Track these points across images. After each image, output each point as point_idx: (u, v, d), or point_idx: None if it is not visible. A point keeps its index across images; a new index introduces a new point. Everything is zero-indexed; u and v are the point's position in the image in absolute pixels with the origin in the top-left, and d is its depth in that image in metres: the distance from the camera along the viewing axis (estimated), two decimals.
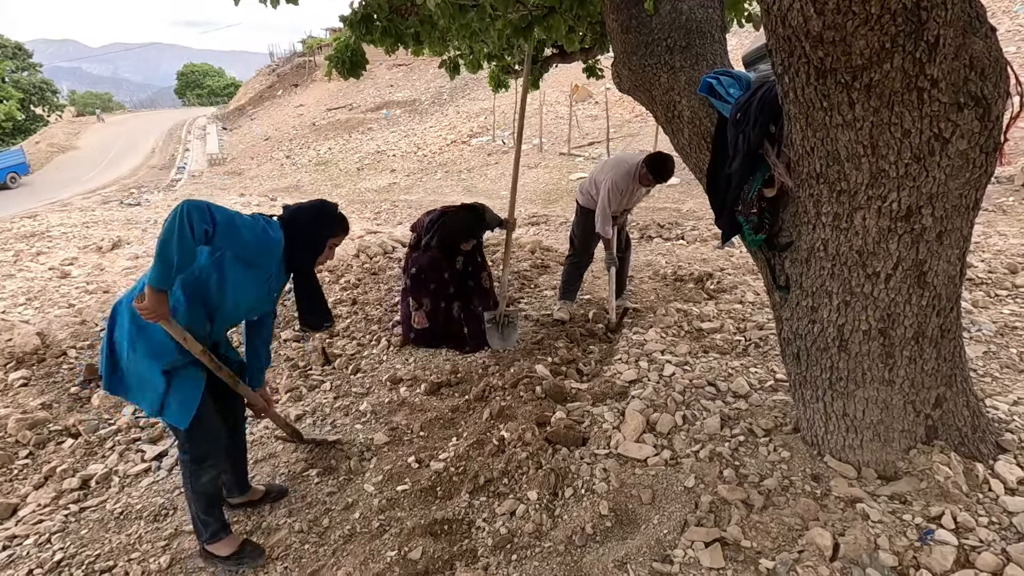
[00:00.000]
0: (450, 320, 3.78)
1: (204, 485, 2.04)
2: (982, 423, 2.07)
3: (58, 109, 39.67)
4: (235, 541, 2.10)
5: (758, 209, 2.01)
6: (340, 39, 4.70)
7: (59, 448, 2.95)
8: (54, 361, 3.83)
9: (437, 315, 3.76)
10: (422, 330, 3.82)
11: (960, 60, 1.50)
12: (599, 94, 17.93)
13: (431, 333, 3.79)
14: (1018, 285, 3.84)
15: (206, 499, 2.06)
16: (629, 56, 2.59)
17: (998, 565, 1.63)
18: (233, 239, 1.83)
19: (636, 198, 4.07)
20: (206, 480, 2.03)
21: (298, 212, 2.07)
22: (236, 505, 2.37)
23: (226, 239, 1.81)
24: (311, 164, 20.91)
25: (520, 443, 2.50)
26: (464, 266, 3.81)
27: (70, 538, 2.27)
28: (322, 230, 2.10)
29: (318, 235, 2.09)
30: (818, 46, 1.53)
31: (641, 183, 3.86)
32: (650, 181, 3.81)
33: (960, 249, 1.80)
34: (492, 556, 1.99)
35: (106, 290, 5.74)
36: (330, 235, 2.12)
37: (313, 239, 2.08)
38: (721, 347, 3.30)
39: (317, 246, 2.10)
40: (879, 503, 1.88)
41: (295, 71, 37.39)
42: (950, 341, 1.93)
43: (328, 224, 2.11)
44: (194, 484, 2.03)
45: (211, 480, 2.05)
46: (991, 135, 1.61)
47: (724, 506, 2.00)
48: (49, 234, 9.20)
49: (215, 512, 2.09)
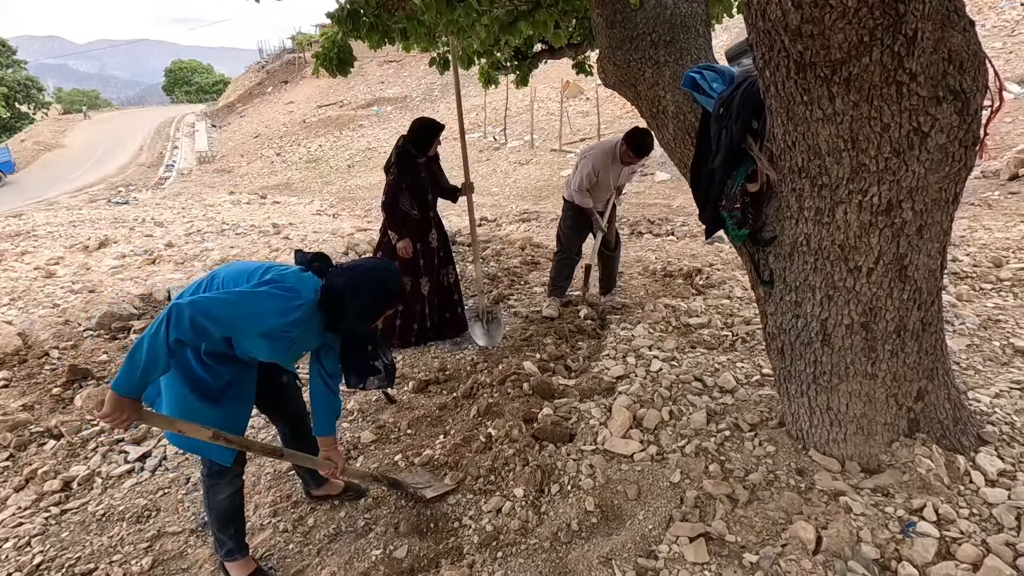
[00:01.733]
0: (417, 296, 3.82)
1: (220, 502, 1.95)
2: (963, 416, 2.08)
3: (44, 107, 39.13)
4: (248, 566, 2.00)
5: (741, 204, 2.01)
6: (328, 35, 4.65)
7: (41, 450, 2.91)
8: (36, 362, 3.78)
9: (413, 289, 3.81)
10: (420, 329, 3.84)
11: (939, 54, 1.50)
12: (590, 90, 17.91)
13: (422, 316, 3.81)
14: (1002, 279, 3.88)
15: (221, 516, 1.97)
16: (614, 51, 2.58)
17: (978, 556, 1.64)
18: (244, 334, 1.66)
19: (619, 180, 4.06)
20: (222, 498, 1.94)
21: (354, 281, 1.75)
22: (316, 497, 2.35)
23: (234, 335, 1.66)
24: (301, 162, 20.79)
25: (507, 440, 2.49)
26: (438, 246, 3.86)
27: (50, 541, 2.24)
28: (381, 306, 1.84)
29: (375, 310, 1.83)
30: (797, 40, 1.53)
31: (623, 161, 3.91)
32: (631, 158, 3.84)
33: (940, 243, 1.81)
34: (478, 553, 1.98)
35: (92, 290, 5.66)
36: (388, 308, 1.87)
37: (369, 314, 1.81)
38: (708, 342, 3.31)
39: (371, 320, 1.85)
40: (862, 496, 1.88)
41: (285, 68, 37.10)
42: (931, 334, 1.94)
43: (388, 298, 1.85)
44: (210, 500, 1.95)
45: (228, 498, 1.95)
46: (970, 129, 1.61)
47: (709, 501, 2.00)
48: (35, 233, 9.07)
49: (229, 530, 1.98)
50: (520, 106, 18.77)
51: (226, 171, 21.88)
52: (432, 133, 3.60)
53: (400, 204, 3.63)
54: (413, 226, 3.70)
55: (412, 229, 3.70)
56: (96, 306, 4.75)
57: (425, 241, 3.78)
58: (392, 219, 3.67)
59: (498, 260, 6.00)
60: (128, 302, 4.84)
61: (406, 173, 3.60)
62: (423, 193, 3.68)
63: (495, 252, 6.35)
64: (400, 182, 3.60)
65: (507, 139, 16.82)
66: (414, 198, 3.64)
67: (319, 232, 8.64)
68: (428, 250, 3.80)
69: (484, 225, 8.81)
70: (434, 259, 3.84)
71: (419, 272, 3.79)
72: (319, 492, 2.34)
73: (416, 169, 3.64)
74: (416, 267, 3.77)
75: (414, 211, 3.66)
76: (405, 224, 3.67)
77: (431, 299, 3.86)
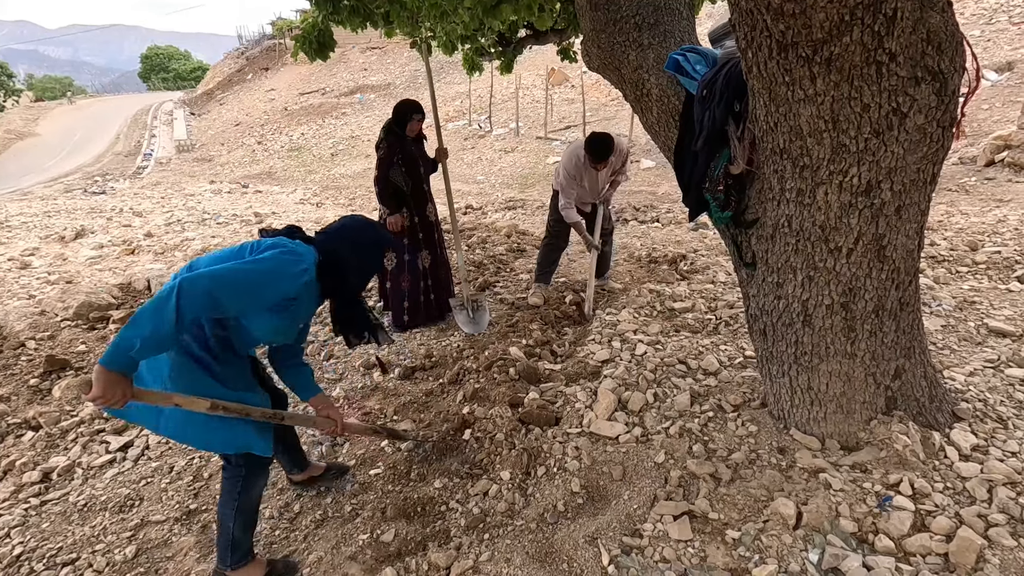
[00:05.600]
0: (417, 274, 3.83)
1: (254, 494, 1.87)
2: (939, 393, 2.13)
3: (15, 94, 37.90)
4: (261, 565, 1.91)
5: (724, 186, 2.02)
6: (307, 19, 4.56)
7: (19, 441, 2.86)
8: (12, 353, 3.70)
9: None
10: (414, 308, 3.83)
11: (918, 34, 1.51)
12: (575, 77, 17.83)
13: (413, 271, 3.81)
14: (978, 262, 3.96)
15: (251, 512, 1.88)
16: (598, 34, 2.56)
17: (951, 528, 1.68)
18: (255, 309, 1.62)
19: (599, 183, 4.05)
20: (256, 492, 1.87)
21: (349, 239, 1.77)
22: (298, 482, 2.31)
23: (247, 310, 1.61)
24: (284, 150, 20.44)
25: (493, 424, 2.50)
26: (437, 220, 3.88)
27: (30, 532, 2.21)
28: (380, 254, 1.86)
29: (376, 261, 1.85)
30: (779, 19, 1.53)
31: (591, 167, 3.91)
32: (594, 163, 3.85)
33: (918, 223, 1.84)
34: (465, 536, 2.00)
35: (68, 280, 5.55)
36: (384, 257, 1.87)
37: (371, 265, 1.83)
38: (692, 326, 3.34)
39: (374, 272, 1.87)
40: (841, 473, 1.93)
41: (265, 54, 36.32)
42: (909, 314, 1.98)
43: (383, 246, 1.86)
44: (244, 496, 1.82)
45: (262, 487, 1.91)
46: (948, 109, 1.63)
47: (693, 480, 2.03)
48: (8, 224, 8.84)
49: (251, 531, 1.89)
50: (505, 94, 18.63)
51: (206, 160, 21.46)
52: (406, 110, 3.63)
53: (391, 178, 3.66)
54: (409, 200, 3.72)
55: (408, 203, 3.73)
56: (73, 296, 4.66)
57: (423, 215, 3.81)
58: (383, 194, 3.70)
59: (484, 248, 5.98)
60: (107, 292, 4.75)
61: (396, 146, 3.64)
62: (414, 166, 3.70)
63: (481, 240, 6.32)
64: (391, 156, 3.64)
65: (492, 127, 16.70)
66: (407, 172, 3.67)
67: (302, 221, 8.53)
68: (427, 223, 3.82)
69: (469, 213, 8.76)
70: (433, 232, 3.86)
71: (419, 245, 3.81)
72: (300, 477, 2.32)
73: (405, 144, 3.67)
74: (415, 240, 3.79)
75: (405, 186, 3.67)
76: (396, 197, 3.70)
77: (434, 272, 3.87)
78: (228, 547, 1.85)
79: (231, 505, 1.83)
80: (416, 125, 3.67)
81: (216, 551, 1.90)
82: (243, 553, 1.88)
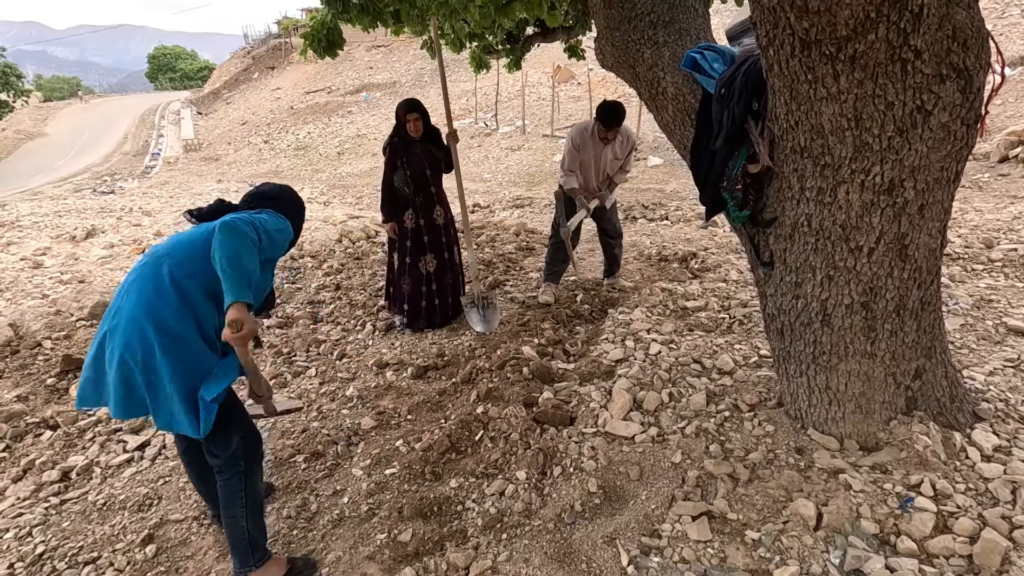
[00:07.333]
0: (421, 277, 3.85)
1: (257, 486, 1.87)
2: (959, 393, 2.11)
3: (24, 94, 38.18)
4: (282, 562, 1.90)
5: (742, 185, 2.01)
6: (316, 17, 4.56)
7: (37, 440, 2.89)
8: (28, 352, 3.73)
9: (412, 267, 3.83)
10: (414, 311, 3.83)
11: (943, 31, 1.49)
12: (581, 75, 17.76)
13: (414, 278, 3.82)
14: (994, 260, 3.92)
15: (259, 505, 1.88)
16: (612, 31, 2.55)
17: (975, 530, 1.67)
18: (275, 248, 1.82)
19: (601, 161, 4.03)
20: (259, 478, 1.88)
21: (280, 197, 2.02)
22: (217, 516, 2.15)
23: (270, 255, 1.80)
24: (290, 149, 20.51)
25: (508, 424, 2.50)
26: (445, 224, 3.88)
27: (52, 531, 2.23)
28: (302, 209, 2.11)
29: (302, 216, 2.11)
30: (803, 16, 1.51)
31: (600, 139, 3.90)
32: (605, 131, 3.85)
33: (941, 222, 1.82)
34: (482, 536, 2.00)
35: (81, 280, 5.59)
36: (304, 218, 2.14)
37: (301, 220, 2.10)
38: (706, 325, 3.33)
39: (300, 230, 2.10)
40: (861, 473, 1.91)
41: (271, 53, 36.43)
42: (930, 313, 1.96)
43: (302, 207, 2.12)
44: (249, 489, 1.82)
45: (261, 476, 1.92)
46: (972, 107, 1.61)
47: (710, 480, 2.02)
48: (19, 224, 8.91)
49: (263, 526, 1.90)
50: (511, 91, 18.60)
51: (213, 159, 21.56)
52: (400, 111, 3.66)
53: (394, 182, 3.67)
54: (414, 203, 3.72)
55: (414, 206, 3.73)
56: (88, 296, 4.70)
57: (430, 218, 3.79)
58: (382, 201, 3.73)
59: (493, 246, 5.98)
60: None
61: (399, 150, 3.65)
62: (420, 168, 3.69)
63: (490, 238, 6.32)
64: (392, 162, 3.66)
65: (498, 125, 16.69)
66: (411, 175, 3.66)
67: (310, 220, 8.55)
68: (433, 227, 3.80)
69: (477, 211, 8.76)
70: (441, 236, 3.84)
71: (423, 249, 3.80)
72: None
73: (409, 147, 3.67)
74: (419, 244, 3.78)
75: (406, 188, 3.67)
76: (395, 202, 3.72)
77: (439, 277, 3.85)
78: (248, 547, 1.83)
79: (239, 504, 1.81)
80: (415, 124, 3.65)
81: (234, 557, 1.85)
82: (263, 549, 1.88)
